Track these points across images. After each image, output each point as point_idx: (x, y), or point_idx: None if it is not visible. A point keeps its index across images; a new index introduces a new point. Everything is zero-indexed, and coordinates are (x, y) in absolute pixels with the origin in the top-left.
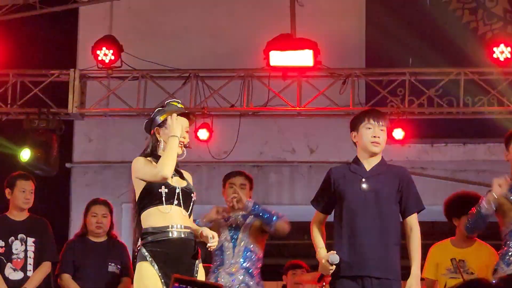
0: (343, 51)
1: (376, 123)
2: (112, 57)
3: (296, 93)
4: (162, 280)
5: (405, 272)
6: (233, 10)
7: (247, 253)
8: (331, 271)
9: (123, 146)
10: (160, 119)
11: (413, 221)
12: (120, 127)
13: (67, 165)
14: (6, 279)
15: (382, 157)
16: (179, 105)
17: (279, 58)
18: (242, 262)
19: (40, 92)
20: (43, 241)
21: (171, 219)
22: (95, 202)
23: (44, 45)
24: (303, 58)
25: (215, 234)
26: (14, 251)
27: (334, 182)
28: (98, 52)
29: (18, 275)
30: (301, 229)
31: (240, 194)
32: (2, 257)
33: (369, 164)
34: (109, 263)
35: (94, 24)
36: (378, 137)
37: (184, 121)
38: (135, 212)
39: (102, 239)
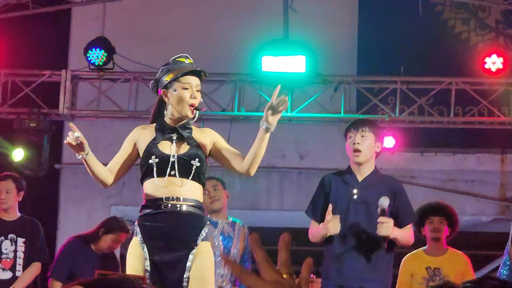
0: (335, 57)
1: (355, 130)
2: (104, 59)
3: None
4: (148, 258)
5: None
6: (226, 14)
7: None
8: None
9: (113, 148)
10: (165, 79)
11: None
12: (110, 129)
13: (56, 166)
14: None
15: (375, 166)
16: (187, 61)
17: (271, 63)
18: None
19: (31, 92)
20: (34, 242)
21: (166, 191)
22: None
23: (36, 45)
24: (296, 63)
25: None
26: (3, 250)
27: (328, 189)
28: (90, 53)
29: (7, 275)
30: (290, 235)
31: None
32: None
33: (361, 174)
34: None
35: (87, 25)
36: (358, 143)
37: (193, 80)
38: None
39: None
